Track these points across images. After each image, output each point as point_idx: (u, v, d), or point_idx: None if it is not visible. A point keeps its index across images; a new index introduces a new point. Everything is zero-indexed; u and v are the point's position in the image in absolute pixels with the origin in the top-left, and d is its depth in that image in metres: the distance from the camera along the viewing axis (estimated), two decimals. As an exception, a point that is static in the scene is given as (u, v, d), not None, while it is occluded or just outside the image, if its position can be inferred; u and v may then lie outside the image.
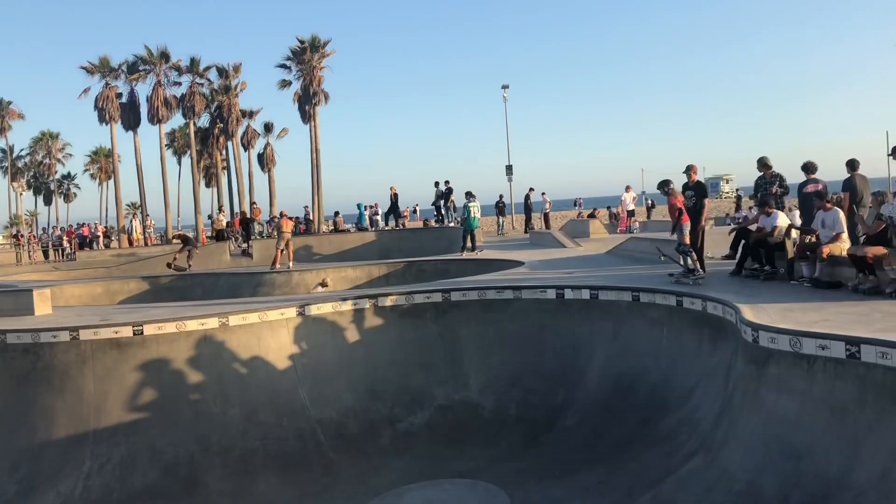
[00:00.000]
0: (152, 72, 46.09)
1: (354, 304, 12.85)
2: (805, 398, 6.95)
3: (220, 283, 22.05)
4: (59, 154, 65.96)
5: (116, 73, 46.24)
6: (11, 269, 30.62)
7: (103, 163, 65.99)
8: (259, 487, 10.05)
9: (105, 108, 45.48)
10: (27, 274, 27.02)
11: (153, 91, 45.82)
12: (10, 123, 58.88)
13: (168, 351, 11.41)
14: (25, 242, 39.09)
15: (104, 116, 45.73)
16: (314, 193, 43.16)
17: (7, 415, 11.31)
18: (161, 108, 45.43)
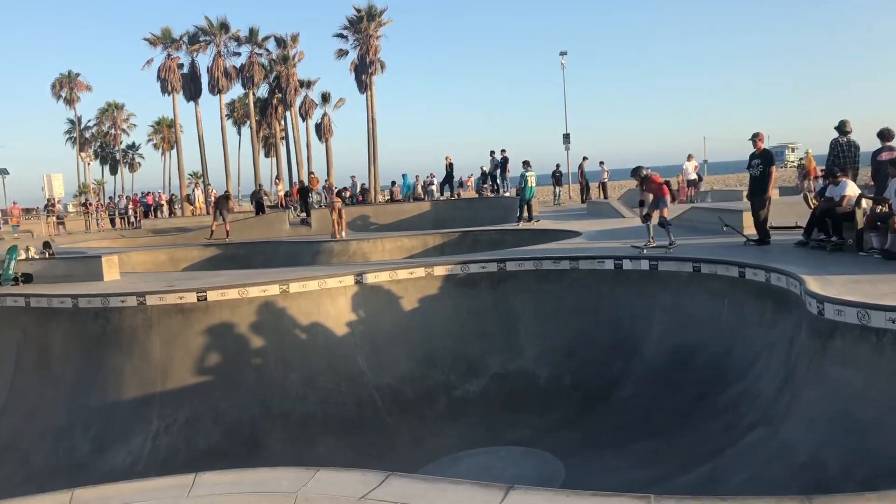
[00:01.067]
0: (212, 42, 46.75)
1: (410, 273, 12.96)
2: (872, 372, 6.76)
3: (280, 252, 22.47)
4: (123, 124, 67.70)
5: (178, 45, 47.04)
6: (80, 236, 31.72)
7: (166, 133, 67.51)
8: (318, 450, 10.29)
9: (167, 79, 46.39)
10: (95, 241, 27.96)
11: (213, 62, 46.53)
12: (78, 95, 60.64)
13: (230, 316, 11.72)
14: (93, 211, 40.38)
15: (166, 87, 46.66)
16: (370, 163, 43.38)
17: (80, 376, 11.83)
18: (221, 79, 46.13)
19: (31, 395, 12.09)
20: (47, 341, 12.52)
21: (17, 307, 12.87)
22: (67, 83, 60.02)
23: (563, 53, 41.54)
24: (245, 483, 4.47)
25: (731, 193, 25.20)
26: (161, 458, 10.37)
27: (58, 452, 10.95)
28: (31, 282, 14.33)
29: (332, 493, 4.15)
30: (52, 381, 12.05)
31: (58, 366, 12.20)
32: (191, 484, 4.49)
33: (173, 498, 4.31)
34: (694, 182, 28.69)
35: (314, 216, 28.81)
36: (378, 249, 21.10)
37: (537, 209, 24.78)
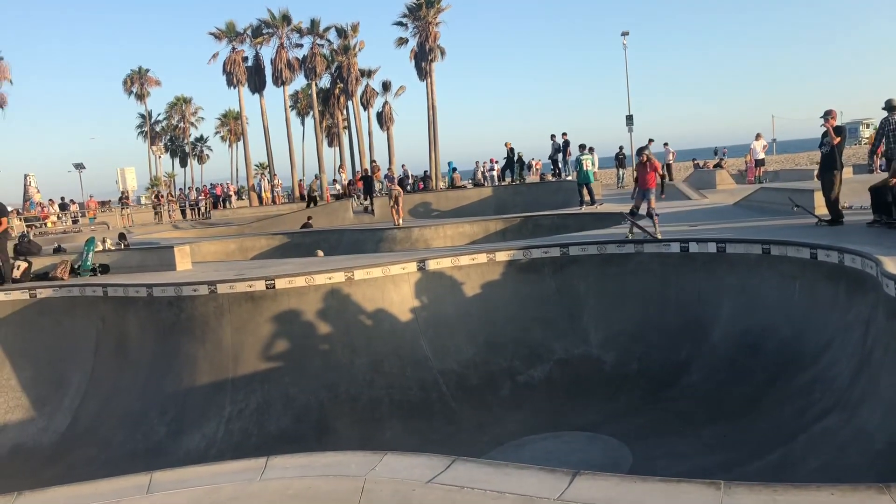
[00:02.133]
0: (275, 35, 47.50)
1: (472, 258, 12.98)
2: (954, 356, 6.49)
3: (344, 239, 22.79)
4: (191, 118, 69.51)
5: (242, 38, 47.97)
6: (153, 227, 32.77)
7: (232, 125, 69.00)
8: (385, 434, 10.45)
9: (232, 72, 47.39)
10: (167, 232, 28.85)
11: (276, 54, 47.29)
12: (148, 90, 62.50)
13: (298, 304, 11.96)
14: (165, 202, 41.64)
15: (232, 80, 47.68)
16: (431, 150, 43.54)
17: (156, 362, 12.27)
18: (284, 70, 46.86)
19: (109, 382, 12.60)
20: (124, 329, 13.01)
21: (96, 296, 13.39)
22: (138, 79, 61.92)
23: (625, 33, 40.78)
24: (314, 466, 4.58)
25: (802, 173, 24.39)
26: (234, 441, 10.69)
27: (135, 437, 11.39)
28: (108, 272, 14.90)
29: (400, 476, 4.22)
30: (130, 368, 12.53)
31: (134, 353, 12.68)
32: (263, 467, 4.63)
33: (247, 481, 4.45)
34: (762, 162, 27.89)
35: (377, 204, 29.08)
36: (440, 236, 21.18)
37: (600, 192, 24.48)
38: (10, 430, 12.38)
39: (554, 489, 3.84)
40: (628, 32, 40.88)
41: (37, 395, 12.81)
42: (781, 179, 25.10)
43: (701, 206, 18.83)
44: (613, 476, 4.00)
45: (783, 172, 28.45)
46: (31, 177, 39.92)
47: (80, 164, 46.83)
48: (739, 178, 29.37)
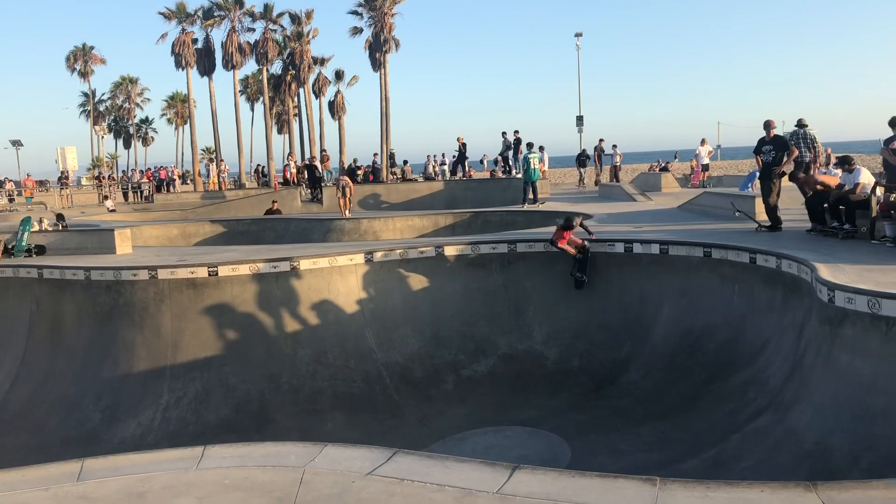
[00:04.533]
0: (227, 18, 46.49)
1: (421, 252, 12.97)
2: (882, 360, 6.73)
3: (291, 229, 22.51)
4: (137, 98, 67.73)
5: (193, 19, 46.82)
6: (93, 209, 31.86)
7: (179, 108, 67.54)
8: (326, 426, 10.38)
9: (181, 54, 46.25)
10: (108, 215, 28.09)
11: (228, 37, 46.30)
12: (92, 68, 60.66)
13: (241, 292, 11.78)
14: (106, 184, 40.53)
15: (180, 62, 46.53)
16: (383, 142, 43.25)
17: (92, 348, 11.94)
18: (235, 54, 45.92)
19: (42, 366, 12.22)
20: (60, 313, 12.63)
21: (31, 278, 12.98)
22: (82, 56, 60.03)
23: (579, 35, 41.26)
24: (253, 456, 4.51)
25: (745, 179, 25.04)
26: (171, 430, 10.48)
27: (69, 423, 11.08)
28: (45, 253, 14.45)
29: (340, 468, 4.19)
30: (64, 352, 12.18)
31: (70, 337, 12.32)
32: (200, 456, 4.54)
33: (182, 469, 4.35)
34: (707, 167, 28.53)
35: (326, 194, 28.81)
36: (389, 228, 21.09)
37: (547, 191, 24.70)
38: (-69, 415, 11.90)
39: (494, 483, 3.86)
40: (581, 34, 41.40)
41: (-36, 378, 12.35)
42: (725, 185, 25.72)
43: (646, 209, 19.16)
44: (552, 471, 4.04)
45: (727, 178, 29.15)
46: (-36, 152, 38.42)
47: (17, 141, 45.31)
48: (684, 181, 30.00)
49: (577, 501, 3.57)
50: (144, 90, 68.11)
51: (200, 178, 43.17)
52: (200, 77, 48.11)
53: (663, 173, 28.49)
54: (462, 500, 3.71)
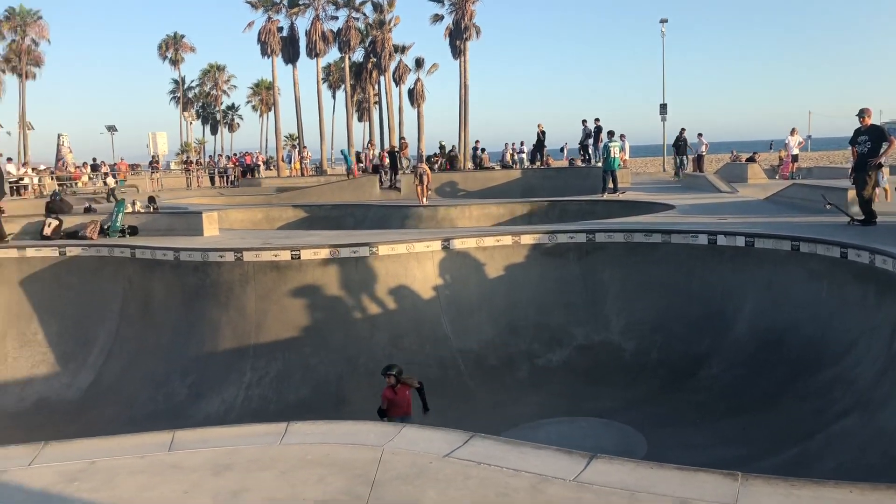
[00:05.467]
0: (311, 6, 47.37)
1: (497, 240, 12.97)
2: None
3: (370, 215, 22.85)
4: (224, 86, 69.80)
5: (278, 7, 47.89)
6: (182, 192, 33.05)
7: (264, 95, 69.20)
8: (402, 409, 10.51)
9: (267, 42, 47.40)
10: (196, 198, 29.09)
11: (311, 25, 47.20)
12: (182, 56, 62.87)
13: (322, 276, 12.05)
14: (194, 169, 41.95)
15: (266, 50, 47.71)
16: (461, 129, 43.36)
17: (180, 326, 12.44)
18: (318, 42, 46.79)
19: (134, 342, 12.80)
20: (150, 291, 13.19)
21: (124, 258, 13.58)
22: (173, 44, 62.27)
23: (664, 21, 40.19)
24: (334, 434, 4.64)
25: (836, 171, 24.00)
26: (253, 408, 10.83)
27: (157, 398, 11.59)
28: (137, 234, 15.10)
29: (417, 449, 4.26)
30: (154, 330, 12.72)
31: (159, 315, 12.85)
32: (283, 432, 4.69)
33: (267, 444, 4.52)
34: (796, 157, 27.47)
35: (404, 181, 29.08)
36: (465, 216, 21.15)
37: (628, 181, 24.28)
38: (36, 384, 12.63)
39: (570, 470, 3.86)
40: (667, 20, 40.30)
41: (62, 351, 13.05)
42: (815, 176, 24.71)
43: (731, 200, 18.63)
44: (630, 461, 4.01)
45: (817, 170, 28.00)
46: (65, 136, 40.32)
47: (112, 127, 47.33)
48: (771, 173, 28.95)
49: (655, 493, 3.54)
50: (231, 77, 70.24)
51: (284, 164, 44.19)
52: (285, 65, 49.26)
53: (750, 164, 27.59)
54: (538, 485, 3.73)
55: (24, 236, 14.74)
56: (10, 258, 13.68)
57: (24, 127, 58.13)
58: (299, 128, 51.21)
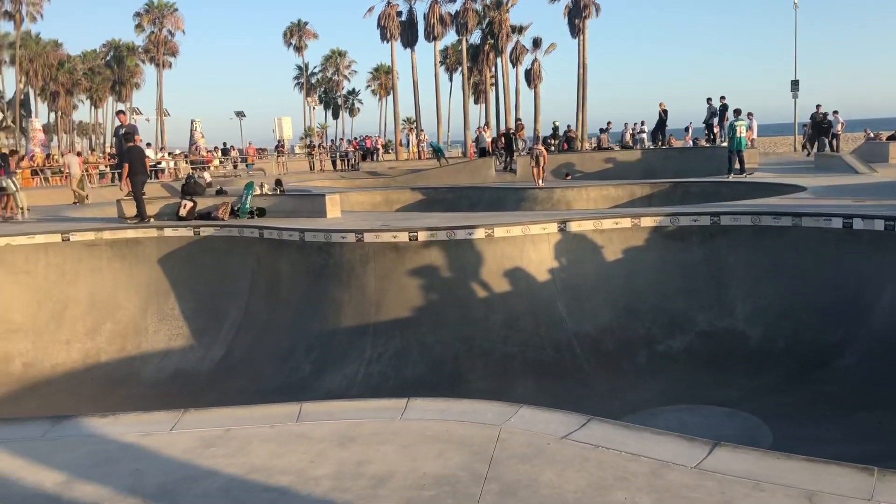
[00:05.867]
0: (430, -11, 47.79)
1: (616, 222, 12.72)
2: None
3: (485, 197, 22.91)
4: (345, 71, 71.76)
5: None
6: (305, 175, 34.28)
7: (383, 79, 70.62)
8: (517, 390, 10.56)
9: (387, 27, 48.27)
10: (318, 181, 30.10)
11: (429, 9, 47.65)
12: (306, 43, 65.08)
13: (439, 257, 12.22)
14: (317, 153, 43.41)
15: (385, 35, 48.60)
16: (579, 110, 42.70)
17: (304, 303, 12.94)
18: (436, 26, 47.21)
19: (261, 318, 13.42)
20: (277, 270, 13.78)
21: (253, 238, 14.22)
22: (297, 31, 64.46)
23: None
24: (452, 411, 4.73)
25: None
26: (373, 384, 11.15)
27: (283, 371, 12.13)
28: (265, 215, 15.76)
29: (535, 430, 4.29)
30: (280, 307, 13.29)
31: (285, 293, 13.42)
32: (404, 408, 4.83)
33: (388, 419, 4.66)
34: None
35: (519, 163, 28.97)
36: (582, 198, 20.84)
37: (756, 161, 23.20)
38: (173, 356, 13.48)
39: (692, 457, 3.78)
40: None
41: (197, 326, 13.85)
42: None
43: (869, 181, 17.47)
44: (755, 450, 3.89)
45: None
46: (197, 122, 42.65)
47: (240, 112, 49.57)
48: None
49: (782, 483, 3.41)
50: (352, 63, 72.13)
51: (402, 148, 44.97)
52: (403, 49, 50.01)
53: (892, 142, 25.71)
54: (658, 471, 3.67)
55: (162, 217, 15.70)
56: (150, 237, 14.61)
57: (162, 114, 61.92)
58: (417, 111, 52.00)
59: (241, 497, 3.81)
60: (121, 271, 14.27)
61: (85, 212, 18.53)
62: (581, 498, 3.52)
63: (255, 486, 3.90)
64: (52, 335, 13.39)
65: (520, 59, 53.40)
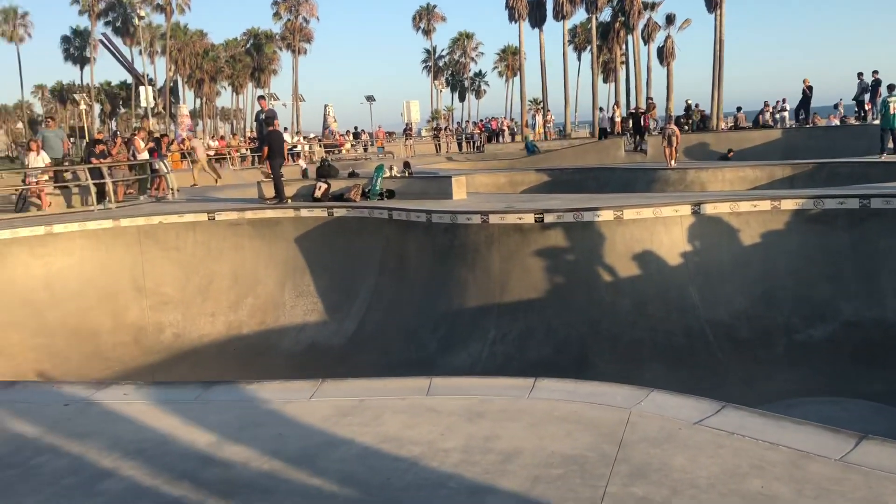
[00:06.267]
0: (559, -32, 47.01)
1: (754, 205, 12.14)
2: None
3: (613, 178, 22.46)
4: (472, 53, 72.02)
5: (526, -28, 48.12)
6: (432, 158, 34.78)
7: (510, 60, 70.37)
8: (645, 376, 10.32)
9: (514, 7, 47.94)
10: (445, 163, 30.47)
11: (558, -14, 46.89)
12: (434, 26, 65.83)
13: (564, 239, 12.11)
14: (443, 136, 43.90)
15: (513, 15, 48.30)
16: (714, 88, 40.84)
17: (430, 283, 13.20)
18: (565, 4, 46.41)
19: (390, 296, 13.80)
20: (404, 250, 14.10)
21: (382, 219, 14.61)
22: (426, 15, 65.23)
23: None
24: (580, 393, 4.71)
25: None
26: (497, 364, 11.24)
27: (410, 348, 12.44)
28: (393, 197, 16.15)
29: (666, 414, 4.21)
30: (407, 286, 13.61)
31: (412, 272, 13.73)
32: (531, 387, 4.86)
33: (515, 397, 4.71)
34: None
35: (650, 143, 28.17)
36: (717, 179, 20.02)
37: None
38: (309, 330, 14.11)
39: (836, 449, 3.60)
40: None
41: (330, 302, 14.42)
42: None
43: None
44: (910, 447, 3.64)
45: None
46: (330, 107, 44.14)
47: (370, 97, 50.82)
48: None
49: (940, 483, 3.19)
50: (479, 45, 72.32)
51: (528, 129, 44.73)
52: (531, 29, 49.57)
53: None
54: (797, 461, 3.52)
55: (298, 198, 16.39)
56: (288, 217, 15.31)
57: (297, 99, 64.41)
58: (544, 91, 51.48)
59: (375, 464, 3.97)
60: (261, 249, 15.05)
61: (228, 193, 19.62)
62: (714, 484, 3.42)
63: (388, 455, 4.05)
64: (199, 308, 14.34)
65: (652, 36, 51.76)
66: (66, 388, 5.79)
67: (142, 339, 13.78)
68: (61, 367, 12.43)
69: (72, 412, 5.16)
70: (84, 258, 14.25)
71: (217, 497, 3.72)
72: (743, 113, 34.37)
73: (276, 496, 3.70)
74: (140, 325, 13.95)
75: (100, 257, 14.38)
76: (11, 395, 5.69)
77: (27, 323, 12.95)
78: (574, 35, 63.23)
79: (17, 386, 6.17)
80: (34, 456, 4.40)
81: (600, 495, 3.42)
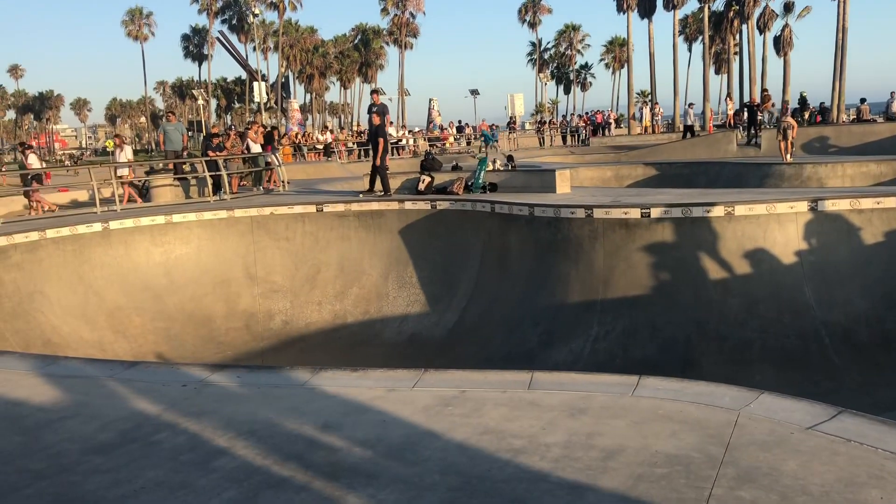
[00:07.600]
0: (671, -45, 45.72)
1: (877, 202, 11.48)
2: None
3: (724, 173, 21.72)
4: (578, 45, 71.04)
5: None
6: (535, 151, 34.58)
7: (617, 52, 69.01)
8: (754, 378, 9.96)
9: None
10: (548, 157, 30.24)
11: (669, -24, 45.60)
12: (540, 18, 65.41)
13: (672, 235, 11.80)
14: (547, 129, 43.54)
15: (622, 5, 47.39)
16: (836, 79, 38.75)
17: (532, 277, 13.15)
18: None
19: (491, 289, 13.84)
20: (506, 244, 14.10)
21: (484, 212, 14.65)
22: (532, 7, 64.83)
23: None
24: (686, 392, 4.62)
25: None
26: (599, 361, 11.09)
27: (510, 341, 12.45)
28: (496, 190, 16.17)
29: (777, 418, 4.07)
30: (508, 279, 13.61)
31: (513, 266, 13.71)
32: (635, 384, 4.80)
33: (619, 394, 4.66)
34: None
35: (764, 137, 27.02)
36: (837, 175, 19.03)
37: None
38: (410, 321, 14.36)
39: (965, 463, 3.39)
40: None
41: (431, 294, 14.61)
42: None
43: None
44: None
45: None
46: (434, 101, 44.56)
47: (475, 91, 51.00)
48: None
49: None
50: (585, 37, 71.34)
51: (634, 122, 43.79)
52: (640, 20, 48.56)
53: None
54: (921, 474, 3.34)
55: (402, 191, 16.67)
56: (392, 210, 15.60)
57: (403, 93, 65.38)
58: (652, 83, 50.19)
59: (475, 455, 4.02)
60: (366, 240, 15.42)
61: (335, 185, 20.16)
62: (828, 492, 3.29)
63: (489, 447, 4.10)
64: (306, 296, 14.84)
65: (768, 25, 49.53)
66: (183, 369, 6.16)
67: (252, 325, 14.40)
68: (178, 349, 13.17)
69: (189, 392, 5.48)
70: (200, 247, 15.02)
71: (323, 479, 3.87)
72: (867, 105, 32.45)
73: (379, 481, 3.82)
74: (251, 312, 14.57)
75: (215, 246, 15.12)
76: (133, 375, 6.10)
77: (148, 307, 13.77)
78: (685, 25, 61.37)
79: (139, 366, 6.59)
80: (154, 432, 4.70)
81: (705, 497, 3.35)
